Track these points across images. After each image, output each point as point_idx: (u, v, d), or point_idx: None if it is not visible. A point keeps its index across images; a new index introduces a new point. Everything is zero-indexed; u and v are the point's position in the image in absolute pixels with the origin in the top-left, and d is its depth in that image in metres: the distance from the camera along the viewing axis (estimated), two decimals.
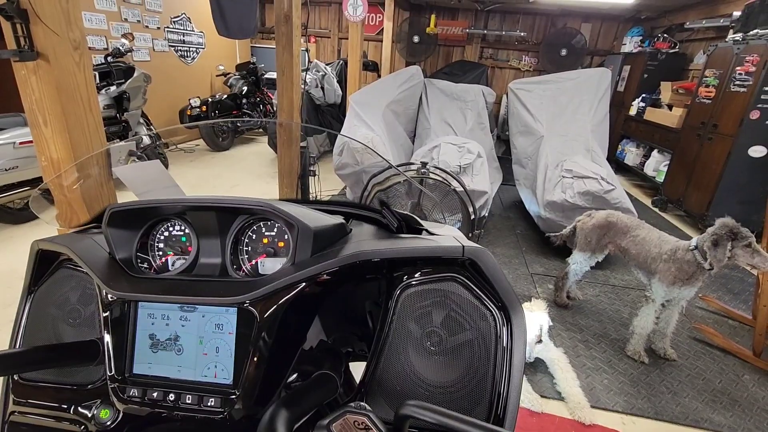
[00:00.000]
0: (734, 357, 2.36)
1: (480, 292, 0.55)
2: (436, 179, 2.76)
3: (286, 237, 0.64)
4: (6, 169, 3.08)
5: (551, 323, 2.21)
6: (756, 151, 3.78)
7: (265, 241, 0.64)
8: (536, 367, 2.16)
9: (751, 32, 3.83)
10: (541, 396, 1.99)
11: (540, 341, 2.10)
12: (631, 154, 6.00)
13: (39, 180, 3.22)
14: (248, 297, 0.53)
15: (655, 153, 5.44)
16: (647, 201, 5.23)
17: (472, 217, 2.80)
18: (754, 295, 2.52)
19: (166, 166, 5.08)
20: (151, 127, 4.96)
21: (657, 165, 5.33)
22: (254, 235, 0.65)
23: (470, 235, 2.74)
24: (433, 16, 7.26)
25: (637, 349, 2.26)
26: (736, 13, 4.34)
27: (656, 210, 4.91)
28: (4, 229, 3.31)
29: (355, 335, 0.77)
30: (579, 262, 2.58)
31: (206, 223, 0.64)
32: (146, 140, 4.72)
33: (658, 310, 2.17)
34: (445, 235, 0.62)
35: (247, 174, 5.21)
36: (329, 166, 4.30)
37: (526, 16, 7.56)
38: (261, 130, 6.88)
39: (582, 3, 5.88)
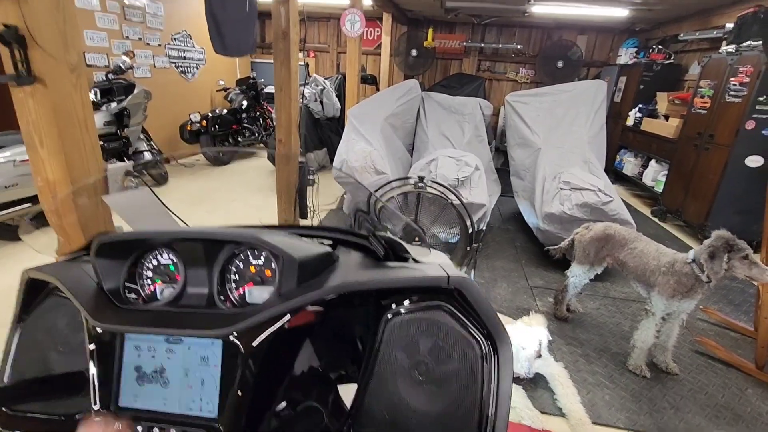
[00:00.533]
0: (737, 370, 2.34)
1: (467, 321, 0.55)
2: (434, 193, 2.76)
3: (273, 265, 0.64)
4: (6, 187, 3.10)
5: (550, 338, 2.20)
6: (753, 161, 3.79)
7: (253, 269, 0.65)
8: (536, 383, 2.14)
9: (744, 44, 3.87)
10: (542, 412, 1.96)
11: (539, 356, 2.09)
12: (630, 164, 6.03)
13: (38, 197, 3.23)
14: (233, 329, 0.53)
15: (653, 163, 5.45)
16: (646, 211, 5.23)
17: (470, 230, 2.79)
18: (755, 307, 2.50)
19: (166, 181, 5.11)
20: (152, 142, 4.99)
21: (655, 175, 5.35)
22: (242, 264, 0.65)
23: (468, 248, 2.74)
24: (430, 30, 7.36)
25: (639, 363, 2.24)
26: (729, 25, 4.39)
27: (655, 220, 4.90)
28: (4, 246, 3.32)
29: (347, 357, 0.77)
30: (578, 275, 2.57)
31: (193, 253, 0.64)
32: (147, 156, 4.76)
33: (658, 324, 2.15)
34: (431, 263, 0.62)
35: (245, 188, 5.23)
36: (328, 180, 4.32)
37: (522, 29, 7.67)
38: (261, 144, 6.92)
39: (577, 16, 5.96)
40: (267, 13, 4.68)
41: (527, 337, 2.07)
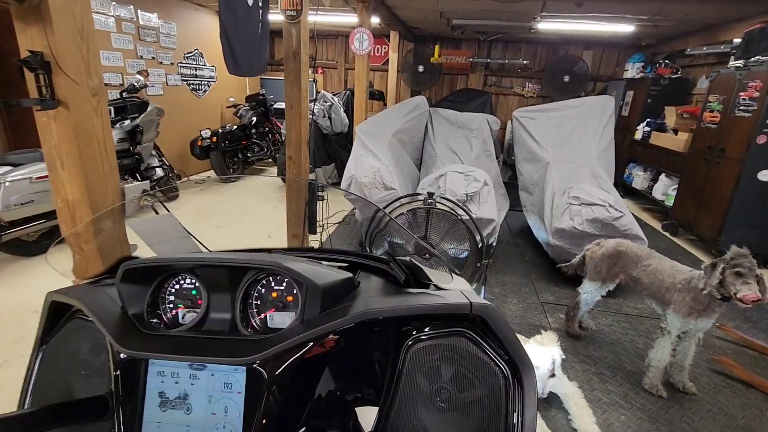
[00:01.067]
0: (756, 390, 2.28)
1: (488, 348, 0.55)
2: (443, 209, 2.76)
3: (294, 291, 0.64)
4: (22, 204, 3.16)
5: (563, 356, 2.16)
6: (765, 176, 3.75)
7: (275, 294, 0.65)
8: (550, 403, 2.10)
9: (753, 59, 3.87)
10: None
11: (553, 375, 2.05)
12: (639, 178, 5.99)
13: (53, 214, 3.29)
14: (258, 357, 0.53)
15: (662, 177, 5.42)
16: (657, 225, 5.17)
17: (480, 245, 2.78)
18: None
19: (177, 197, 5.17)
20: (163, 158, 5.07)
21: (665, 189, 5.30)
22: (263, 289, 0.66)
23: (478, 264, 2.72)
24: (437, 47, 7.46)
25: (655, 382, 2.19)
26: (737, 40, 4.40)
27: (667, 234, 4.85)
28: (18, 261, 3.37)
29: (364, 381, 0.76)
30: (590, 292, 2.54)
31: (216, 278, 0.65)
32: (159, 172, 4.84)
33: (674, 342, 2.11)
34: (453, 290, 0.62)
35: (255, 202, 5.27)
36: (337, 195, 4.35)
37: (528, 44, 7.74)
38: (270, 160, 7.01)
39: (582, 32, 6.02)
40: (276, 31, 4.78)
41: (540, 356, 2.04)
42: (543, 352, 2.06)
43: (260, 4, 2.57)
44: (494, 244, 3.59)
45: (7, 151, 4.27)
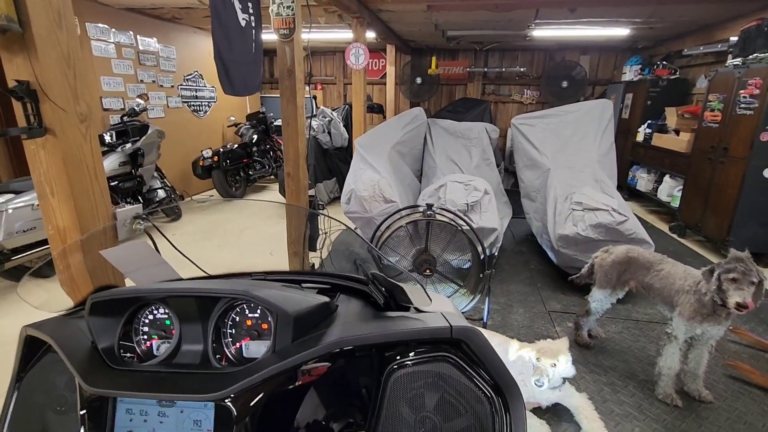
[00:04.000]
0: None
1: (473, 373, 0.52)
2: (443, 220, 2.73)
3: (269, 319, 0.62)
4: (24, 231, 3.18)
5: (575, 371, 2.06)
6: None
7: (249, 323, 0.63)
8: (560, 416, 2.03)
9: (751, 56, 3.84)
10: None
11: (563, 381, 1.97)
12: (643, 180, 5.93)
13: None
14: (226, 392, 0.51)
15: (667, 178, 5.35)
16: (664, 227, 5.09)
17: (482, 256, 2.74)
18: None
19: (179, 217, 5.19)
20: (165, 180, 5.11)
21: (670, 190, 5.24)
22: (238, 318, 0.63)
23: (481, 275, 2.68)
24: (434, 58, 7.52)
25: (668, 391, 2.12)
26: (733, 39, 4.38)
27: (675, 236, 4.76)
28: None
29: (354, 406, 0.73)
30: (599, 300, 2.48)
31: (188, 308, 0.63)
32: (161, 194, 4.87)
33: (682, 348, 2.05)
34: (434, 312, 0.59)
35: (257, 220, 5.28)
36: (338, 209, 4.33)
37: (524, 52, 7.78)
38: (272, 177, 7.03)
39: (578, 37, 6.03)
40: (273, 50, 4.83)
41: (549, 355, 1.95)
42: (551, 351, 1.97)
43: (253, 24, 2.60)
44: (496, 253, 3.54)
45: (10, 179, 4.32)
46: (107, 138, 4.39)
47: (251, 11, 2.54)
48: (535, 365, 1.93)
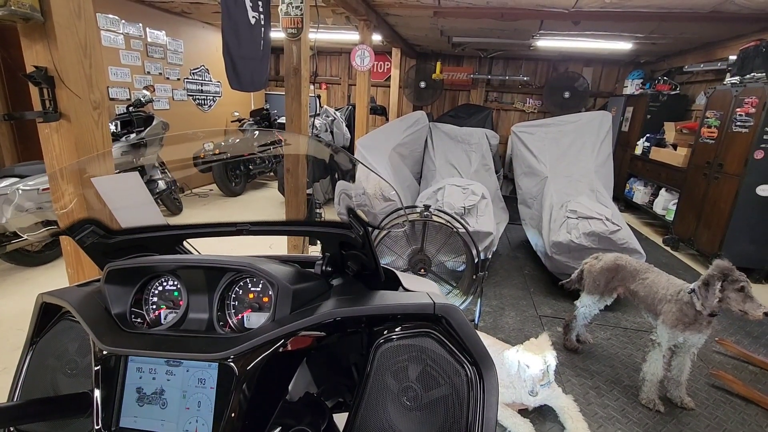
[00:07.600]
0: (756, 406, 2.24)
1: (453, 348, 0.57)
2: (439, 221, 2.79)
3: (270, 293, 0.67)
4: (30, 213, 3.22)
5: (558, 360, 2.11)
6: (764, 190, 3.75)
7: (251, 296, 0.68)
8: (545, 416, 2.08)
9: (748, 75, 3.92)
10: None
11: (547, 383, 2.02)
12: (639, 192, 6.00)
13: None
14: (229, 353, 0.56)
15: (663, 192, 5.42)
16: (658, 239, 5.16)
17: (476, 259, 2.79)
18: None
19: (180, 211, 5.23)
20: (166, 171, 5.15)
21: (666, 203, 5.30)
22: (241, 291, 0.68)
23: (474, 277, 2.73)
24: (438, 63, 7.59)
25: (651, 396, 2.17)
26: (732, 57, 4.46)
27: (668, 249, 4.83)
28: (21, 271, 3.41)
29: (344, 386, 0.78)
30: (587, 306, 2.54)
31: (196, 280, 0.68)
32: (161, 185, 4.91)
33: (666, 355, 2.10)
34: (420, 291, 0.64)
35: (257, 215, 5.33)
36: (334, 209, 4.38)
37: (528, 61, 7.86)
38: (272, 174, 7.08)
39: (581, 48, 6.11)
40: (279, 48, 4.89)
41: (532, 357, 2.01)
42: (535, 354, 2.03)
43: (262, 22, 2.66)
44: (491, 257, 3.59)
45: (16, 163, 4.36)
46: (112, 127, 4.44)
47: (261, 9, 2.60)
48: (541, 371, 1.97)
